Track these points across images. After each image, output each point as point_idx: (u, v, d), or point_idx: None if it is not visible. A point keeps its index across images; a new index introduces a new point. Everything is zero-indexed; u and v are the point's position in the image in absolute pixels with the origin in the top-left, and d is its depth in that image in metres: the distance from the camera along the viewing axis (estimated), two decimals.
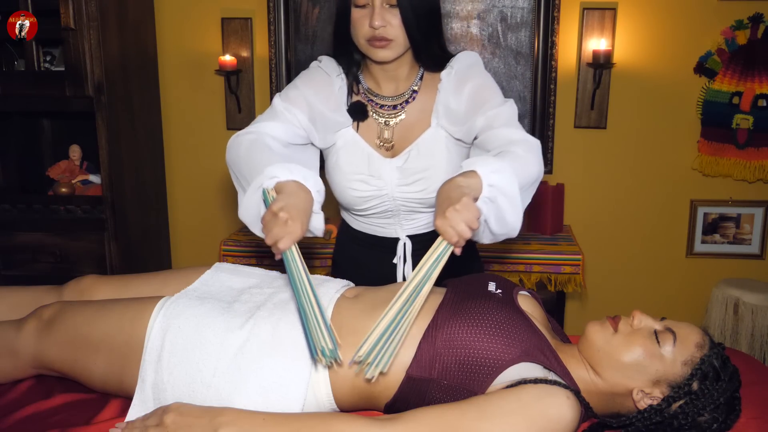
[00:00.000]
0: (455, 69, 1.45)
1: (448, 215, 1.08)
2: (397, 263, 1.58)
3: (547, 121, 2.78)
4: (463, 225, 1.08)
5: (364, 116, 1.50)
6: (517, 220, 1.22)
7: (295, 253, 1.15)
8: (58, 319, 1.29)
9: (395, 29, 1.37)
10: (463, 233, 1.09)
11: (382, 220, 1.57)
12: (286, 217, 1.11)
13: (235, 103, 2.90)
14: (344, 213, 1.66)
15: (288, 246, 1.12)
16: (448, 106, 1.45)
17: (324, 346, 1.07)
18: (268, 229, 1.12)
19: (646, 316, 1.22)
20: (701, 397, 1.13)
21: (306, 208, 1.16)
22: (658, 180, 2.84)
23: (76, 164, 2.74)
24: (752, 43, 2.64)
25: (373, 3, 1.35)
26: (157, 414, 1.09)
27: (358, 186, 1.50)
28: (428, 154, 1.47)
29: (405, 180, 1.49)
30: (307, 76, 1.50)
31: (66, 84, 2.44)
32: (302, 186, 1.19)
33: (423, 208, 1.53)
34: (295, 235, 1.12)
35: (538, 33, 2.72)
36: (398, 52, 1.41)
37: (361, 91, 1.52)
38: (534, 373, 1.14)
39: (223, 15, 2.85)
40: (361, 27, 1.38)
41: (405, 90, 1.50)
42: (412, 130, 1.49)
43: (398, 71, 1.47)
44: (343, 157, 1.50)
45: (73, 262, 2.59)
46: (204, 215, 3.07)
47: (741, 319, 2.65)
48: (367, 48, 1.40)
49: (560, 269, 2.53)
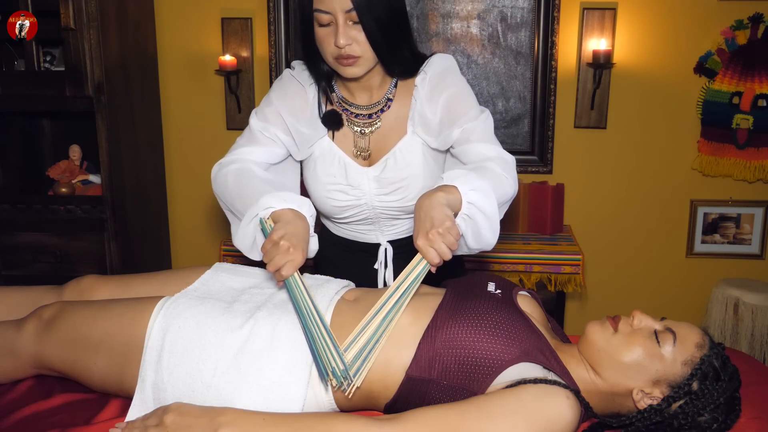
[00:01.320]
0: (429, 75, 1.42)
1: (431, 237, 1.13)
2: (378, 268, 1.58)
3: (547, 121, 2.78)
4: (445, 248, 1.13)
5: (338, 125, 1.48)
6: (493, 236, 1.27)
7: (297, 279, 1.19)
8: (58, 319, 1.29)
9: (361, 45, 1.32)
10: (444, 255, 1.14)
11: (363, 226, 1.57)
12: (288, 246, 1.15)
13: (235, 103, 2.90)
14: (324, 220, 1.65)
15: (291, 273, 1.17)
16: (424, 115, 1.43)
17: (335, 366, 1.11)
18: (269, 257, 1.16)
19: (646, 316, 1.22)
20: (701, 397, 1.13)
21: (305, 236, 1.21)
22: (658, 180, 2.84)
23: (76, 164, 2.74)
24: (752, 43, 2.64)
25: (336, 21, 1.29)
26: (157, 414, 1.10)
27: (337, 196, 1.49)
28: (405, 163, 1.46)
29: (383, 189, 1.48)
30: (281, 90, 1.48)
31: (66, 84, 2.44)
32: (298, 214, 1.23)
33: (403, 215, 1.53)
34: (297, 262, 1.16)
35: (538, 33, 2.72)
36: (367, 68, 1.37)
37: (336, 101, 1.49)
38: (534, 373, 1.14)
39: (223, 15, 2.85)
40: (327, 45, 1.34)
41: (380, 98, 1.47)
42: (388, 138, 1.47)
43: (371, 81, 1.44)
44: (320, 166, 1.49)
45: (73, 262, 2.58)
46: (204, 215, 3.07)
47: (741, 319, 2.65)
48: (336, 66, 1.36)
49: (560, 269, 2.53)
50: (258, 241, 1.28)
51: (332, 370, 1.11)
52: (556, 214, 2.74)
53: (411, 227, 1.56)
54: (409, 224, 1.56)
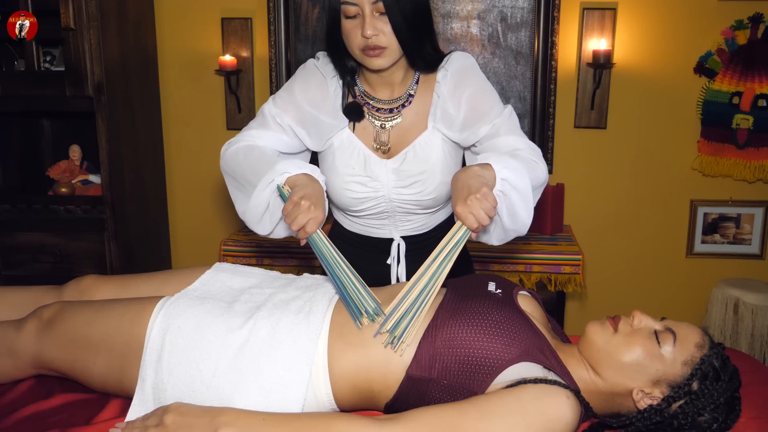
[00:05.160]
0: (450, 71, 1.45)
1: (469, 202, 1.18)
2: (391, 264, 1.59)
3: (547, 121, 2.78)
4: (483, 213, 1.18)
5: (360, 117, 1.50)
6: (528, 216, 1.32)
7: (321, 234, 1.27)
8: (58, 319, 1.29)
9: (387, 36, 1.35)
10: (482, 220, 1.19)
11: (377, 221, 1.57)
12: (309, 204, 1.22)
13: (235, 103, 2.90)
14: (337, 214, 1.66)
15: (315, 230, 1.24)
16: (446, 110, 1.45)
17: (367, 306, 1.22)
18: (292, 217, 1.23)
19: (646, 316, 1.22)
20: (701, 397, 1.13)
21: (323, 196, 1.28)
22: (658, 180, 2.84)
23: (76, 164, 2.74)
24: (752, 43, 2.64)
25: (363, 13, 1.33)
26: (157, 414, 1.09)
27: (355, 188, 1.50)
28: (424, 157, 1.47)
29: (401, 182, 1.49)
30: (303, 79, 1.50)
31: (66, 84, 2.44)
32: (312, 177, 1.30)
33: (418, 209, 1.53)
34: (319, 219, 1.23)
35: (538, 33, 2.72)
36: (393, 59, 1.40)
37: (358, 94, 1.51)
38: (534, 373, 1.14)
39: (223, 15, 2.85)
40: (354, 37, 1.37)
41: (401, 94, 1.49)
42: (408, 132, 1.49)
43: (393, 76, 1.47)
44: (339, 158, 1.50)
45: (73, 262, 2.59)
46: (204, 215, 3.07)
47: (741, 319, 2.65)
48: (362, 57, 1.39)
49: (560, 269, 2.53)
50: (271, 207, 1.34)
51: (365, 309, 1.21)
52: (556, 214, 2.74)
53: (425, 223, 1.58)
54: (423, 220, 1.57)
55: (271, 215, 1.35)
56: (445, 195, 1.50)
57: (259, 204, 1.33)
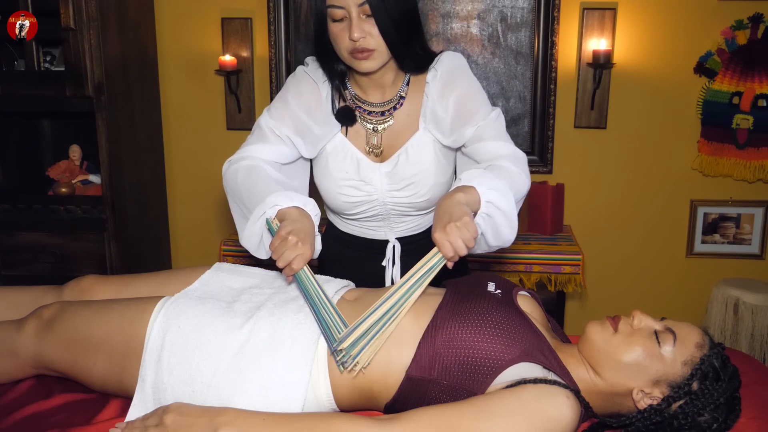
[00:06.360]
0: (439, 72, 1.44)
1: (448, 230, 1.15)
2: (386, 265, 1.59)
3: (547, 121, 2.78)
4: (461, 242, 1.15)
5: (352, 121, 1.49)
6: (512, 233, 1.31)
7: (307, 271, 1.22)
8: (58, 320, 1.29)
9: (375, 39, 1.35)
10: (459, 250, 1.16)
11: (372, 223, 1.57)
12: (296, 240, 1.19)
13: (235, 103, 2.90)
14: (332, 216, 1.65)
15: (301, 267, 1.20)
16: (435, 112, 1.45)
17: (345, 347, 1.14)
18: (278, 253, 1.19)
19: (646, 316, 1.22)
20: (701, 397, 1.13)
21: (312, 232, 1.24)
22: (658, 180, 2.84)
23: (76, 164, 2.74)
24: (752, 43, 2.64)
25: (349, 15, 1.32)
26: (157, 414, 1.09)
27: (349, 191, 1.50)
28: (417, 159, 1.47)
29: (395, 185, 1.49)
30: (296, 86, 1.49)
31: (66, 84, 2.44)
32: (304, 212, 1.27)
33: (413, 211, 1.53)
34: (306, 256, 1.20)
35: (538, 33, 2.72)
36: (382, 61, 1.39)
37: (349, 98, 1.50)
38: (533, 373, 1.14)
39: (223, 15, 2.85)
40: (342, 41, 1.36)
41: (392, 96, 1.48)
42: (400, 135, 1.49)
43: (384, 78, 1.46)
44: (332, 162, 1.50)
45: (73, 262, 2.59)
46: (204, 215, 3.07)
47: (741, 319, 2.65)
48: (351, 60, 1.38)
49: (560, 269, 2.53)
50: (265, 240, 1.31)
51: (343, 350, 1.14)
52: (556, 214, 2.74)
53: (420, 224, 1.58)
54: (418, 221, 1.57)
55: (265, 247, 1.34)
56: (438, 196, 1.49)
57: (253, 235, 1.32)
